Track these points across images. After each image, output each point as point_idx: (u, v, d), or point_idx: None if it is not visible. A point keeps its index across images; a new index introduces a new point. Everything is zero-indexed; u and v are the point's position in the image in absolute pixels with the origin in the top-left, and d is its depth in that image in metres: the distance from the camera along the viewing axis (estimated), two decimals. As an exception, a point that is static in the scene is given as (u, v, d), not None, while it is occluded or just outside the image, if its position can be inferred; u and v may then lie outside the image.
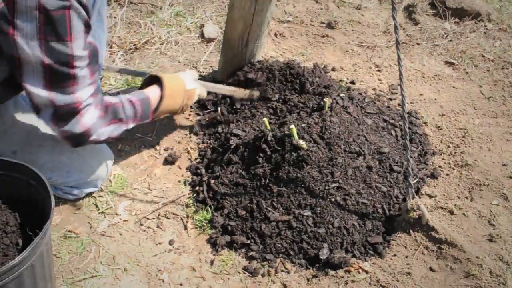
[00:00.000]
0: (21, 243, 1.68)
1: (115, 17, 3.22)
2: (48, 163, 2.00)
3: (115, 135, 1.94)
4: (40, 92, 1.64)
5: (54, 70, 1.60)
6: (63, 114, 1.71)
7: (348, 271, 2.03)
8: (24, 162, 1.71)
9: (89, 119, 1.76)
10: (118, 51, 2.99)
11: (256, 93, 2.56)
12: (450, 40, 3.50)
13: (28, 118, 2.00)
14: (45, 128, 1.99)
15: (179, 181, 2.35)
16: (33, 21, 1.50)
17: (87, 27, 1.63)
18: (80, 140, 1.80)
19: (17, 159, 1.88)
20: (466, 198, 2.38)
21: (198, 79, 2.43)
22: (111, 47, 3.00)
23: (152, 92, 2.11)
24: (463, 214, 2.27)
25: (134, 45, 3.04)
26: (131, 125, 2.00)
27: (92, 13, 1.78)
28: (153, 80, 2.20)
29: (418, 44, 3.46)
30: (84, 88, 1.71)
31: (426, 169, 2.47)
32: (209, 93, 2.56)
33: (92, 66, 1.72)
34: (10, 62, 1.61)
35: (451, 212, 2.26)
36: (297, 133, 2.13)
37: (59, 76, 1.63)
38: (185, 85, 2.23)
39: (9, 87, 1.76)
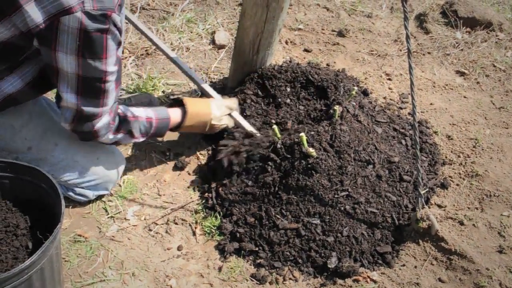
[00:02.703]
0: (31, 246, 1.69)
1: (127, 23, 3.24)
2: (62, 161, 2.03)
3: (124, 143, 2.11)
4: (70, 98, 1.78)
5: (87, 83, 1.75)
6: (83, 119, 1.84)
7: (356, 280, 2.02)
8: (35, 166, 1.72)
9: (99, 123, 1.88)
10: (130, 57, 3.01)
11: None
12: (462, 50, 3.49)
13: (45, 116, 2.04)
14: (61, 127, 2.04)
15: (188, 187, 2.35)
16: (74, 40, 1.63)
17: (119, 45, 1.78)
18: (86, 136, 1.94)
19: (32, 155, 1.97)
20: (476, 208, 2.36)
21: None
22: (122, 52, 3.02)
23: (175, 116, 2.22)
24: (473, 225, 2.25)
25: (146, 50, 3.06)
26: (141, 139, 2.11)
27: (123, 21, 1.90)
28: (182, 103, 2.28)
29: (429, 53, 3.45)
30: (109, 101, 1.85)
31: (436, 179, 2.46)
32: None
33: (118, 79, 1.86)
34: (48, 68, 1.75)
35: (461, 223, 2.25)
36: (307, 141, 2.13)
37: (92, 89, 1.78)
38: (211, 120, 2.30)
39: (34, 87, 1.87)
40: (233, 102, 2.45)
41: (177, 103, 2.30)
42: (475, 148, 2.69)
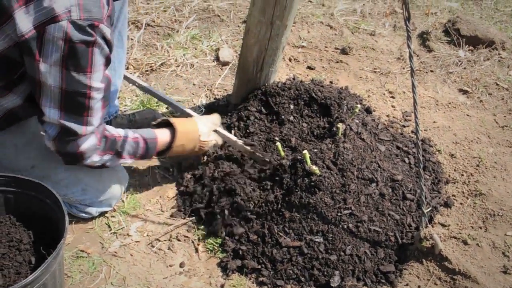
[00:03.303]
0: (34, 261, 1.69)
1: (132, 39, 3.28)
2: (65, 179, 2.03)
3: (111, 165, 2.01)
4: (52, 113, 1.72)
5: (70, 97, 1.69)
6: (65, 137, 1.78)
7: (359, 299, 2.01)
8: (40, 181, 1.73)
9: (85, 144, 1.82)
10: (135, 73, 3.04)
11: (269, 162, 2.35)
12: (464, 68, 3.51)
13: None
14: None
15: (191, 203, 2.35)
16: (58, 50, 1.58)
17: (107, 60, 1.72)
18: (72, 159, 1.87)
19: (35, 173, 1.94)
20: (480, 228, 2.35)
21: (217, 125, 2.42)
22: (127, 68, 3.05)
23: (163, 136, 2.16)
24: (477, 244, 2.24)
25: (150, 67, 3.09)
26: (129, 161, 2.06)
27: (113, 34, 1.84)
28: (169, 123, 2.23)
29: (432, 71, 3.47)
30: (94, 120, 1.78)
31: (439, 198, 2.45)
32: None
33: (105, 99, 1.80)
34: (31, 82, 1.69)
35: (465, 242, 2.24)
36: (310, 159, 2.13)
37: (75, 104, 1.71)
38: (199, 137, 2.26)
39: (33, 103, 1.82)
40: (215, 117, 2.43)
41: (162, 126, 2.25)
42: (479, 167, 2.69)
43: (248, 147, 2.38)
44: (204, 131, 2.29)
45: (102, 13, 1.61)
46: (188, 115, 2.47)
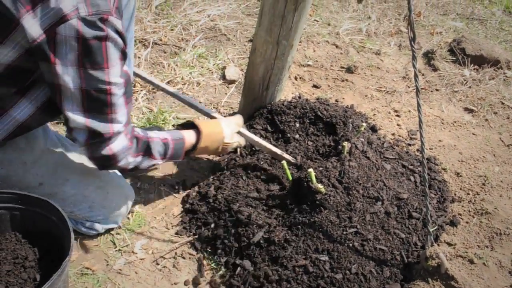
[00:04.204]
0: (39, 278, 1.69)
1: (139, 57, 3.31)
2: (72, 196, 2.03)
3: (143, 167, 1.99)
4: (77, 117, 1.70)
5: (91, 96, 1.66)
6: (96, 139, 1.76)
7: (365, 319, 1.99)
8: (46, 198, 1.74)
9: (117, 146, 1.80)
10: (141, 90, 3.06)
11: (292, 160, 2.42)
12: (470, 87, 3.51)
13: (57, 152, 2.04)
14: (72, 162, 2.05)
15: (197, 221, 2.35)
16: (72, 50, 1.56)
17: (123, 54, 1.69)
18: (106, 163, 1.85)
19: (43, 191, 1.94)
20: (486, 247, 2.33)
21: (241, 128, 2.45)
22: (134, 86, 3.08)
23: (189, 137, 2.17)
24: (483, 263, 2.22)
25: (157, 85, 3.11)
26: (160, 162, 2.05)
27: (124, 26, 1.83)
28: (193, 125, 2.25)
29: (437, 90, 3.48)
30: (119, 117, 1.76)
31: (445, 216, 2.44)
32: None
33: (127, 95, 1.78)
34: (50, 88, 1.68)
35: (471, 261, 2.22)
36: (316, 177, 2.13)
37: (97, 102, 1.69)
38: (223, 139, 2.28)
39: (45, 111, 1.81)
40: (238, 118, 2.45)
41: (186, 127, 2.28)
42: (485, 186, 2.68)
43: (271, 147, 2.38)
44: (228, 133, 2.31)
45: (109, 5, 1.59)
46: (212, 117, 2.51)
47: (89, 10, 1.53)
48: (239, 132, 2.42)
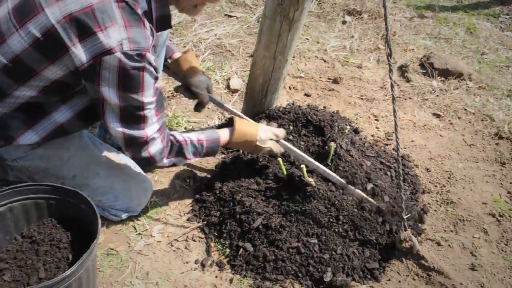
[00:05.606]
0: (71, 257, 1.68)
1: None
2: (100, 188, 2.05)
3: (179, 164, 2.17)
4: (116, 127, 1.75)
5: (128, 112, 1.72)
6: (134, 144, 1.82)
7: (348, 293, 1.99)
8: (78, 189, 1.73)
9: (154, 149, 1.86)
10: (158, 98, 3.05)
11: (334, 177, 2.25)
12: (437, 96, 3.51)
13: (89, 150, 2.06)
14: (102, 159, 2.09)
15: (205, 209, 2.34)
16: (115, 76, 1.61)
17: (156, 79, 1.75)
18: (146, 162, 1.92)
19: (76, 182, 1.98)
20: (451, 231, 2.33)
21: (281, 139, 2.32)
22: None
23: (224, 136, 2.14)
24: (449, 245, 2.22)
25: (172, 93, 3.10)
26: (194, 159, 2.08)
27: (157, 60, 1.86)
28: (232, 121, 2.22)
29: (410, 98, 3.47)
30: (150, 125, 1.81)
31: (416, 205, 2.44)
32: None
33: (158, 107, 1.82)
34: (94, 102, 1.73)
35: (438, 244, 2.22)
36: (306, 172, 2.13)
37: (132, 117, 1.74)
38: (256, 140, 2.19)
39: (80, 119, 1.87)
40: (280, 131, 2.32)
41: (229, 123, 2.25)
42: (450, 179, 2.68)
43: (308, 157, 2.28)
44: (262, 137, 2.22)
45: (148, 43, 1.64)
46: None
47: (131, 46, 1.58)
48: (277, 142, 2.30)
